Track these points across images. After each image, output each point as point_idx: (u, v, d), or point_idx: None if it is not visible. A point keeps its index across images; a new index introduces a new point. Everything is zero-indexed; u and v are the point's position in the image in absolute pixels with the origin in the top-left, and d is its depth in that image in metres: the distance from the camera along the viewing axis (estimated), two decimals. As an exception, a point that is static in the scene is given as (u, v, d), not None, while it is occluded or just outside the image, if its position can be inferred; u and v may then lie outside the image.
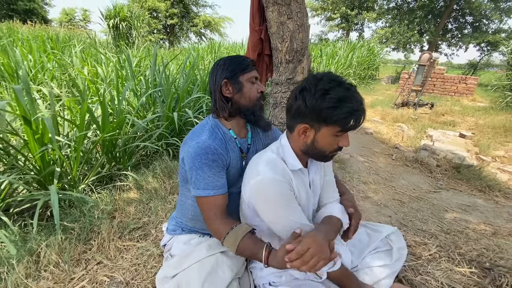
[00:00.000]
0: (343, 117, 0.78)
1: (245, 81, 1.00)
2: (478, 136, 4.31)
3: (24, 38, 5.72)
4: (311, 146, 0.87)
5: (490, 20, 15.98)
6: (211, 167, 0.92)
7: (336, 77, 0.82)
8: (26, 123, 1.45)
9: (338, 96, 0.78)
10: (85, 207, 1.63)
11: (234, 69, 0.98)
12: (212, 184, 0.92)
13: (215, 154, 0.93)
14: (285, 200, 0.88)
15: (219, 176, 0.94)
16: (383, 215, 1.98)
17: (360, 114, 0.80)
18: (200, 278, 0.88)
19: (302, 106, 0.82)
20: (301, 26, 1.84)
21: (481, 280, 1.30)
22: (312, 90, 0.80)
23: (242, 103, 1.00)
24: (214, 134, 0.98)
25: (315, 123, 0.83)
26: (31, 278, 1.17)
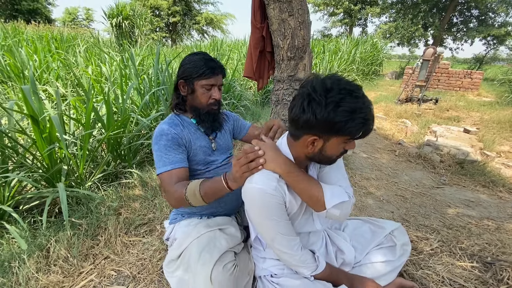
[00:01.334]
0: (357, 128, 0.76)
1: (199, 87, 1.09)
2: (483, 131, 4.28)
3: (29, 38, 5.79)
4: (318, 154, 0.86)
5: (496, 13, 15.68)
6: (166, 146, 1.04)
7: (346, 84, 0.78)
8: (34, 122, 1.48)
9: (350, 108, 0.75)
10: (92, 204, 1.67)
11: (191, 73, 1.07)
12: (168, 160, 1.03)
13: (168, 135, 1.05)
14: (271, 214, 0.88)
15: (174, 153, 1.04)
16: (385, 210, 1.99)
17: (371, 122, 0.79)
18: (198, 250, 0.96)
19: (312, 119, 0.77)
20: (302, 23, 1.84)
21: (482, 274, 1.31)
22: (322, 103, 0.75)
23: (195, 104, 1.12)
24: (170, 120, 1.11)
25: (325, 135, 0.80)
26: (41, 272, 1.22)
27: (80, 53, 4.54)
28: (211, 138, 1.20)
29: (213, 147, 1.19)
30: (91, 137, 2.07)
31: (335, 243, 1.12)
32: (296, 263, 0.94)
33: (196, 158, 1.13)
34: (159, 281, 1.23)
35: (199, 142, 1.14)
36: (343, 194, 0.89)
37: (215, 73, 1.09)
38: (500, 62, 23.82)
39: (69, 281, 1.20)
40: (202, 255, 0.94)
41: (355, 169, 2.66)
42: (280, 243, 0.91)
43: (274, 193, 0.86)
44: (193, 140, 1.12)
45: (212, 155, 1.19)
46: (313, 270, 0.96)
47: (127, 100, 2.42)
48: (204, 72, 1.06)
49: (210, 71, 1.07)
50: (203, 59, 1.08)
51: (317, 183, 0.90)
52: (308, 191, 0.88)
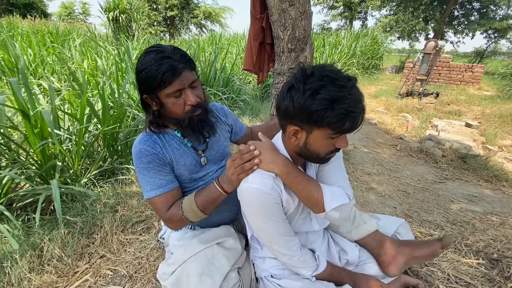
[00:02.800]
0: (337, 119, 0.69)
1: (165, 98, 0.86)
2: (484, 125, 4.23)
3: (24, 33, 5.68)
4: (304, 149, 0.80)
5: (498, 6, 15.51)
6: (148, 169, 0.91)
7: (330, 72, 0.71)
8: (25, 117, 1.43)
9: (330, 96, 0.68)
10: (87, 201, 1.63)
11: (149, 86, 0.85)
12: (156, 184, 0.91)
13: (149, 155, 0.91)
14: (269, 214, 0.83)
15: (160, 175, 0.92)
16: (387, 206, 1.96)
17: (357, 115, 0.71)
18: (197, 271, 0.88)
19: (290, 107, 0.73)
20: (303, 13, 1.78)
21: (488, 271, 1.28)
22: (300, 89, 0.71)
23: (172, 115, 0.91)
24: (146, 138, 0.93)
25: (305, 125, 0.75)
26: (34, 272, 1.18)
27: (75, 47, 4.45)
28: (200, 152, 1.02)
29: (202, 162, 1.02)
30: (87, 132, 2.02)
31: (338, 243, 1.08)
32: (295, 264, 0.90)
33: (180, 178, 0.99)
34: (156, 281, 1.19)
35: (183, 161, 0.97)
36: (343, 196, 0.84)
37: (176, 74, 0.82)
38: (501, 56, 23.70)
39: (64, 281, 1.17)
40: (203, 279, 0.86)
41: (356, 164, 2.62)
42: (278, 244, 0.86)
43: (271, 193, 0.82)
44: (177, 159, 0.96)
45: (201, 170, 1.03)
46: (314, 270, 0.92)
47: (123, 94, 2.36)
48: (162, 78, 0.81)
49: (169, 74, 0.81)
50: (155, 61, 0.81)
51: (317, 184, 0.85)
52: (307, 193, 0.83)
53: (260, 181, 0.82)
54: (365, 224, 1.07)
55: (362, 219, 1.09)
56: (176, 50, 0.86)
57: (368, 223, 1.07)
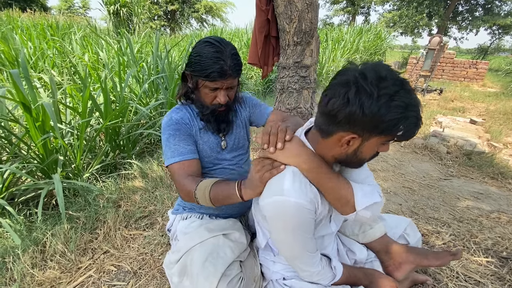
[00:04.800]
0: (409, 128, 0.63)
1: (202, 86, 0.95)
2: (489, 122, 4.19)
3: (24, 26, 5.62)
4: (351, 156, 0.72)
5: (503, 2, 15.31)
6: (175, 135, 0.96)
7: (396, 75, 0.63)
8: (26, 110, 1.40)
9: (404, 102, 0.61)
10: (90, 196, 1.61)
11: (197, 70, 0.91)
12: (177, 151, 0.95)
13: (177, 124, 0.97)
14: (303, 231, 0.76)
15: (184, 143, 0.96)
16: (393, 203, 1.93)
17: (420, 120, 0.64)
18: (201, 258, 0.88)
19: (359, 113, 0.62)
20: (310, 5, 1.73)
21: (498, 270, 1.26)
22: (374, 94, 0.61)
23: (196, 99, 1.01)
24: (178, 109, 1.02)
25: (367, 133, 0.66)
26: (37, 267, 1.16)
27: (76, 41, 4.39)
28: (221, 135, 1.07)
29: (222, 146, 1.07)
30: (89, 127, 1.99)
31: (345, 244, 1.05)
32: (315, 279, 0.86)
33: (202, 154, 1.03)
34: (161, 277, 1.17)
35: (207, 137, 1.03)
36: (374, 194, 0.77)
37: (222, 77, 0.90)
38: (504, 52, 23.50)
39: (67, 277, 1.15)
40: (206, 265, 0.85)
41: (361, 161, 2.59)
42: (302, 262, 0.81)
43: (310, 207, 0.73)
44: (201, 134, 1.02)
45: (221, 153, 1.07)
46: (331, 280, 0.88)
47: (125, 88, 2.33)
48: (210, 75, 0.89)
49: (218, 75, 0.89)
50: (213, 58, 0.88)
51: (347, 182, 0.77)
52: (337, 191, 0.75)
53: (298, 193, 0.72)
54: (372, 229, 1.03)
55: (369, 223, 1.06)
56: (233, 56, 0.92)
57: (375, 228, 1.04)
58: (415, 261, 0.98)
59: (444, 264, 0.98)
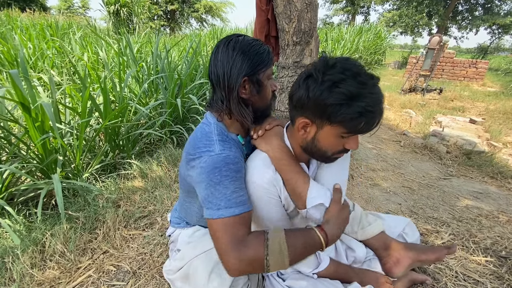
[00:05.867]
0: (351, 117, 0.65)
1: (266, 79, 0.81)
2: (489, 121, 4.19)
3: (23, 26, 5.62)
4: (311, 144, 0.76)
5: (503, 1, 15.31)
6: (234, 179, 0.73)
7: (353, 66, 0.66)
8: (25, 110, 1.40)
9: (349, 91, 0.63)
10: (89, 196, 1.61)
11: (256, 63, 0.77)
12: (236, 200, 0.71)
13: (237, 164, 0.76)
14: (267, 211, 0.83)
15: (243, 190, 0.76)
16: (392, 202, 1.93)
17: (374, 116, 0.66)
18: (207, 268, 0.84)
19: (304, 97, 0.69)
20: (309, 5, 1.73)
21: (497, 269, 1.26)
22: (318, 79, 0.66)
23: (258, 106, 0.83)
24: (227, 143, 0.80)
25: (317, 119, 0.70)
26: (36, 268, 1.16)
27: (76, 40, 4.39)
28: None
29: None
30: (88, 127, 1.99)
31: (344, 241, 1.06)
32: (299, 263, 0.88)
33: None
34: (160, 277, 1.17)
35: None
36: (326, 197, 0.79)
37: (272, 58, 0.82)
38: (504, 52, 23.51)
39: (66, 277, 1.15)
40: (212, 277, 0.81)
41: (360, 160, 2.59)
42: None
43: (267, 187, 0.79)
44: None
45: None
46: (314, 268, 0.90)
47: (125, 88, 2.33)
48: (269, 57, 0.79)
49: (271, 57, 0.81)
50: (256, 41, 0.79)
51: (305, 178, 0.81)
52: (293, 184, 0.79)
53: (259, 174, 0.80)
54: (371, 225, 1.04)
55: (367, 220, 1.06)
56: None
57: (373, 225, 1.05)
58: (412, 257, 0.99)
59: (440, 258, 0.98)
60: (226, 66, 0.76)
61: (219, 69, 0.78)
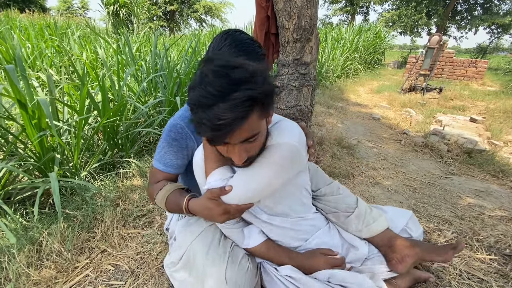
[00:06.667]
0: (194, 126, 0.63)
1: None
2: (489, 120, 4.18)
3: (22, 26, 5.60)
4: None
5: (502, 1, 15.33)
6: (169, 144, 0.92)
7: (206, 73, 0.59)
8: (22, 106, 1.38)
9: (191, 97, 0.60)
10: (87, 195, 1.59)
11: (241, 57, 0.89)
12: (163, 160, 0.93)
13: (178, 133, 0.91)
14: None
15: (173, 155, 0.93)
16: (394, 201, 1.92)
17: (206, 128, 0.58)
18: (203, 249, 0.86)
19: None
20: (309, 1, 1.72)
21: (501, 267, 1.24)
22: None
23: None
24: (186, 113, 0.94)
25: None
26: (33, 267, 1.13)
27: (74, 40, 4.37)
28: None
29: None
30: (86, 125, 1.97)
31: (346, 239, 1.04)
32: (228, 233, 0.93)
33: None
34: (160, 276, 1.15)
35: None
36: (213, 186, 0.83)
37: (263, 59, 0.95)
38: (503, 52, 23.56)
39: (63, 277, 1.13)
40: (210, 254, 0.84)
41: (361, 159, 2.57)
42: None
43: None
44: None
45: None
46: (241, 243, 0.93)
47: (123, 86, 2.31)
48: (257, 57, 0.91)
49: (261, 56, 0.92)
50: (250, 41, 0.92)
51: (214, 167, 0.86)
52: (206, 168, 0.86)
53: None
54: (375, 222, 1.03)
55: (372, 216, 1.04)
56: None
57: (377, 221, 1.03)
58: (417, 255, 0.97)
59: (447, 260, 0.97)
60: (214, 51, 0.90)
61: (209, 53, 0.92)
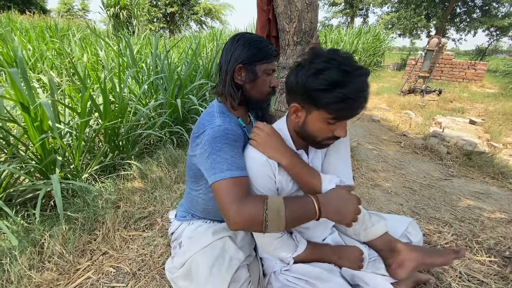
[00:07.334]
0: (333, 102, 0.70)
1: (262, 72, 0.89)
2: (488, 122, 4.19)
3: (23, 28, 5.61)
4: (302, 128, 0.83)
5: (500, 4, 15.41)
6: (233, 146, 0.81)
7: (339, 57, 0.71)
8: (24, 109, 1.39)
9: (331, 78, 0.69)
10: (88, 197, 1.59)
11: (254, 54, 0.87)
12: (236, 164, 0.78)
13: (235, 135, 0.84)
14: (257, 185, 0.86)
15: (241, 157, 0.83)
16: (394, 203, 1.92)
17: (355, 103, 0.70)
18: (208, 263, 0.84)
19: (294, 83, 0.77)
20: (310, 4, 1.73)
21: (501, 269, 1.25)
22: (306, 67, 0.74)
23: (252, 94, 0.92)
24: (227, 118, 0.89)
25: (306, 104, 0.77)
26: (34, 269, 1.14)
27: (75, 42, 4.38)
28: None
29: None
30: (88, 127, 1.97)
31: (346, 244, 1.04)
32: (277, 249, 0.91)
33: None
34: (161, 279, 1.15)
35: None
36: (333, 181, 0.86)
37: (274, 57, 0.91)
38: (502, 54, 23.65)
39: (65, 279, 1.13)
40: (213, 271, 0.82)
41: (361, 161, 2.58)
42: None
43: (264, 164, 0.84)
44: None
45: None
46: (294, 251, 0.92)
47: (124, 88, 2.32)
48: (271, 55, 0.88)
49: (272, 54, 0.89)
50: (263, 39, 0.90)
51: (316, 173, 0.87)
52: (309, 183, 0.85)
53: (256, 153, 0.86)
54: (374, 226, 1.03)
55: (370, 221, 1.05)
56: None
57: (376, 225, 1.04)
58: (418, 259, 0.97)
59: (447, 262, 0.97)
60: (228, 53, 0.90)
61: (223, 56, 0.92)
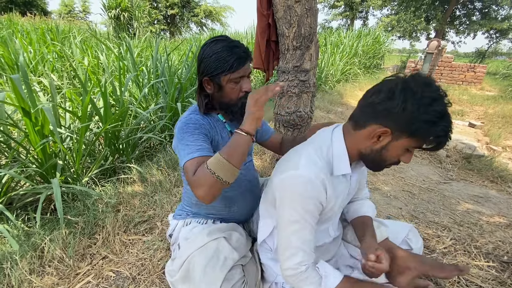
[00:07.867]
0: (436, 135, 0.68)
1: (226, 82, 0.93)
2: (488, 125, 4.21)
3: (24, 30, 5.64)
4: (376, 153, 0.76)
5: (500, 6, 15.47)
6: (193, 133, 0.91)
7: (439, 86, 0.70)
8: (25, 114, 1.40)
9: (441, 111, 0.66)
10: (89, 201, 1.60)
11: (216, 68, 0.91)
12: (195, 147, 0.88)
13: (196, 123, 0.93)
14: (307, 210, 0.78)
15: (202, 140, 0.91)
16: (393, 207, 1.93)
17: (448, 136, 0.69)
18: (202, 263, 0.87)
19: (398, 109, 0.68)
20: (309, 10, 1.75)
21: (499, 274, 1.25)
22: (418, 94, 0.67)
23: (223, 101, 0.98)
24: (196, 112, 0.99)
25: (398, 131, 0.70)
26: (35, 274, 1.14)
27: (76, 44, 4.40)
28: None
29: None
30: (88, 131, 1.98)
31: (348, 250, 1.05)
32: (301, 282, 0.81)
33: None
34: (160, 283, 1.16)
35: (223, 144, 0.99)
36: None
37: (242, 63, 0.91)
38: (502, 56, 23.70)
39: (65, 283, 1.14)
40: (207, 271, 0.84)
41: (361, 164, 2.59)
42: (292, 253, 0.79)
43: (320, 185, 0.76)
44: (218, 141, 1.00)
45: None
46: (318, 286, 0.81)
47: (125, 92, 2.33)
48: (232, 65, 0.90)
49: (238, 63, 0.90)
50: (227, 47, 0.90)
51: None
52: None
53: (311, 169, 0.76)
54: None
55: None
56: (241, 43, 0.95)
57: (376, 232, 1.04)
58: (419, 268, 0.97)
59: (448, 277, 0.96)
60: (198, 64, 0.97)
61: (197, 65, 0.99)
